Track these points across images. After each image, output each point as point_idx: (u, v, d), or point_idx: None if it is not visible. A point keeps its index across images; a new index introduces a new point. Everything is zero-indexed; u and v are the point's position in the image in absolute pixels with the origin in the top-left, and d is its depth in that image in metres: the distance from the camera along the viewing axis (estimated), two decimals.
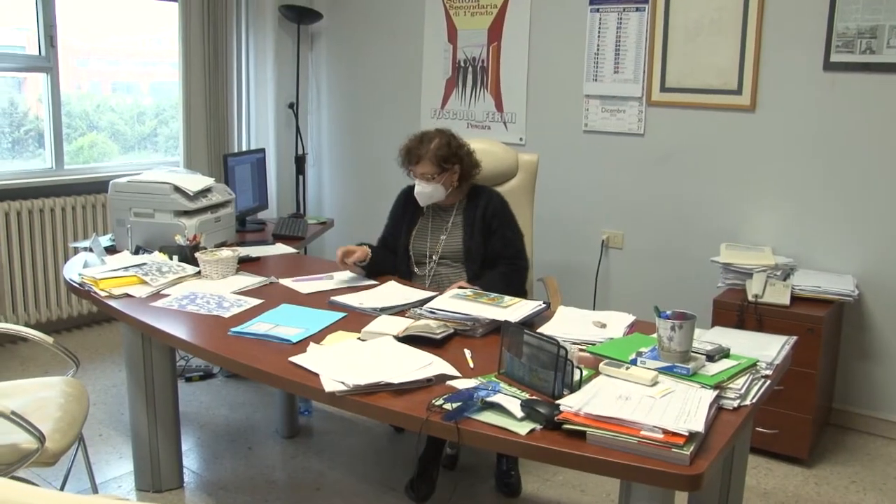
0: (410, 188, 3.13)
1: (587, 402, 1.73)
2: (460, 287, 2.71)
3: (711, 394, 1.77)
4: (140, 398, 2.86)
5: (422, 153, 2.96)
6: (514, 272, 2.98)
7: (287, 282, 2.86)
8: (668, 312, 1.91)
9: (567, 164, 4.33)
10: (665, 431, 1.59)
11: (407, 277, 3.06)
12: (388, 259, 3.06)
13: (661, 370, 1.88)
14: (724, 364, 1.93)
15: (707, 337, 2.12)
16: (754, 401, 1.84)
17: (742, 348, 2.04)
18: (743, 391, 1.84)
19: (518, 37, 4.52)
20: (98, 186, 4.59)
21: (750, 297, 3.32)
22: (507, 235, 3.02)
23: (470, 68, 4.74)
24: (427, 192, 2.97)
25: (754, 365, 1.96)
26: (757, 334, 2.30)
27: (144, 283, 2.72)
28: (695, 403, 1.72)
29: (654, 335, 1.97)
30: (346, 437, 3.44)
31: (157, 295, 2.65)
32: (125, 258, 2.99)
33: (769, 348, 2.10)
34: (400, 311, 2.50)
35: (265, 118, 5.28)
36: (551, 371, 1.82)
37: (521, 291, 2.94)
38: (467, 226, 3.03)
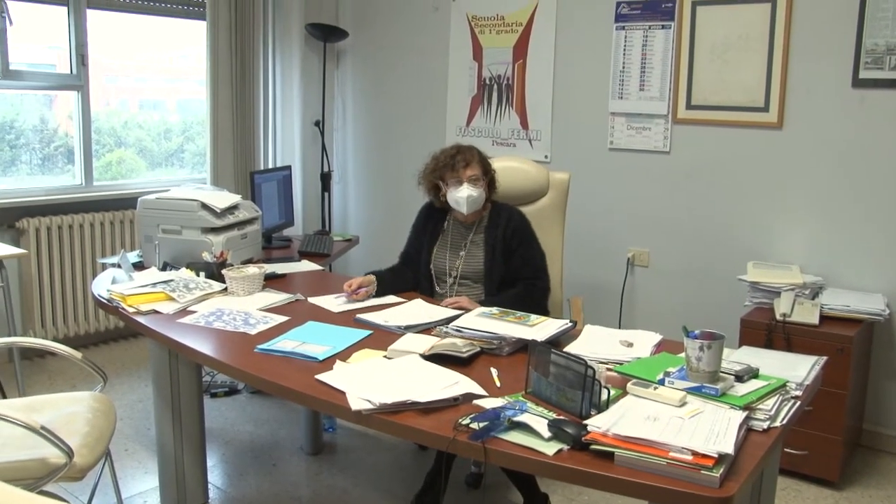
0: (431, 204, 3.14)
1: (615, 422, 1.71)
2: (459, 307, 2.72)
3: (741, 415, 1.76)
4: (166, 414, 2.87)
5: (470, 157, 2.98)
6: (530, 292, 2.94)
7: (316, 300, 2.87)
8: (697, 332, 1.89)
9: (592, 181, 4.33)
10: (694, 453, 1.58)
11: (429, 294, 3.06)
12: (394, 281, 3.03)
13: (690, 390, 1.86)
14: (754, 385, 1.91)
15: (735, 357, 2.10)
16: (784, 422, 1.82)
17: (771, 368, 2.02)
18: (773, 412, 1.82)
19: (543, 54, 4.54)
20: (126, 203, 4.65)
21: (778, 317, 3.29)
22: (527, 254, 3.00)
23: (495, 86, 4.76)
24: (476, 195, 2.94)
25: (784, 386, 1.94)
26: (786, 354, 2.28)
27: (171, 299, 2.74)
28: (724, 424, 1.70)
29: (682, 355, 1.95)
30: (370, 455, 3.44)
31: (183, 311, 2.67)
32: (153, 274, 3.01)
33: (798, 368, 2.08)
34: (426, 329, 2.50)
35: (291, 135, 5.32)
36: (579, 391, 1.81)
37: (539, 311, 2.88)
38: (488, 246, 3.01)
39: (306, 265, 3.46)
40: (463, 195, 2.94)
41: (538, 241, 3.07)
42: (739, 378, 1.92)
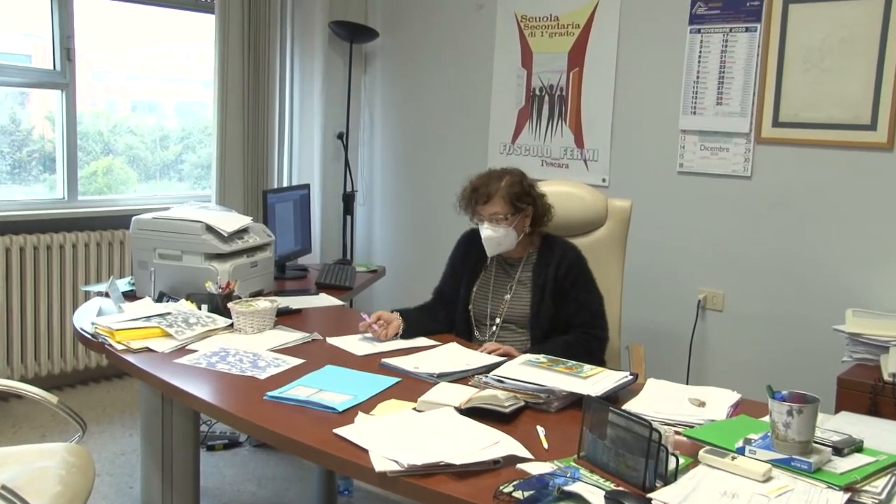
0: (473, 231, 3.14)
1: (685, 497, 1.69)
2: (502, 353, 2.72)
3: (841, 496, 1.72)
4: (155, 469, 2.88)
5: (492, 191, 2.96)
6: (584, 342, 2.93)
7: (336, 340, 2.87)
8: (784, 393, 1.86)
9: (658, 210, 4.32)
10: None
11: (466, 338, 3.05)
12: (426, 321, 3.04)
13: (776, 463, 1.83)
14: (857, 460, 1.86)
15: (832, 424, 2.06)
16: None
17: (879, 441, 1.97)
18: (883, 496, 1.76)
19: (603, 61, 4.55)
20: (116, 221, 4.70)
21: (886, 377, 3.21)
22: (582, 298, 2.99)
23: (546, 97, 4.78)
24: (497, 236, 2.96)
25: None
26: None
27: (168, 335, 2.76)
28: None
29: (766, 419, 1.92)
30: None
31: (182, 350, 2.69)
32: (146, 306, 3.04)
33: None
34: (462, 377, 2.50)
35: (310, 149, 5.39)
36: (641, 457, 1.79)
37: (595, 363, 2.84)
38: (536, 286, 3.01)
39: (325, 299, 3.48)
40: (483, 235, 2.98)
41: (595, 283, 3.06)
42: (838, 451, 1.88)
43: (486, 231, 2.97)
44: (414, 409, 2.23)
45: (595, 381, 2.38)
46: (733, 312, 4.20)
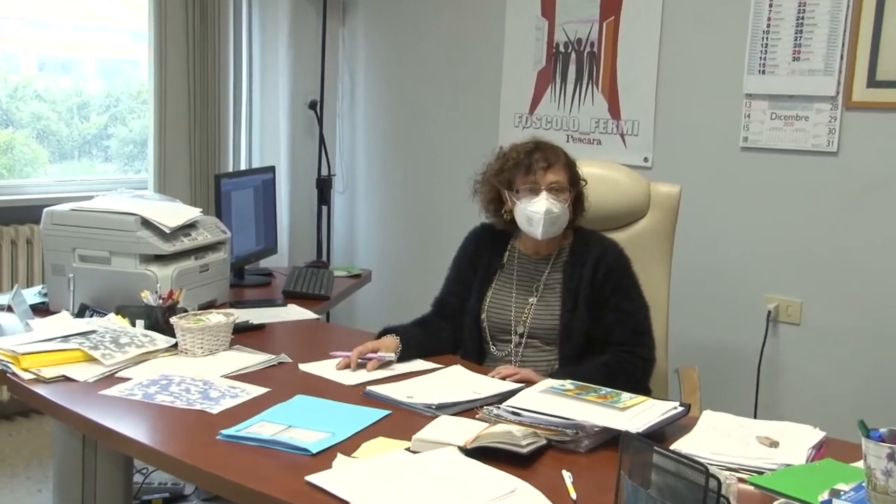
0: (485, 226, 3.16)
1: None
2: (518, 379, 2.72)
3: None
4: None
5: (552, 157, 2.99)
6: (625, 364, 2.93)
7: (309, 366, 2.88)
8: (883, 431, 1.86)
9: (716, 196, 4.33)
10: None
11: (476, 359, 3.06)
12: (424, 340, 3.04)
13: None
14: None
15: None
16: None
17: None
18: None
19: (646, 7, 4.56)
20: (21, 214, 4.69)
21: None
22: (625, 307, 3.00)
23: (573, 55, 4.79)
24: (557, 210, 2.94)
25: None
26: None
27: (92, 360, 2.75)
28: None
29: (859, 464, 1.92)
30: None
31: (111, 378, 2.68)
32: (63, 323, 3.04)
33: None
34: (467, 409, 2.51)
35: (275, 122, 5.41)
36: None
37: (638, 390, 2.80)
38: (568, 292, 3.01)
39: (294, 312, 3.50)
40: (539, 209, 2.94)
41: (640, 290, 3.08)
42: None
43: (545, 203, 2.94)
44: (407, 449, 2.23)
45: (636, 413, 2.38)
46: (814, 326, 4.20)
